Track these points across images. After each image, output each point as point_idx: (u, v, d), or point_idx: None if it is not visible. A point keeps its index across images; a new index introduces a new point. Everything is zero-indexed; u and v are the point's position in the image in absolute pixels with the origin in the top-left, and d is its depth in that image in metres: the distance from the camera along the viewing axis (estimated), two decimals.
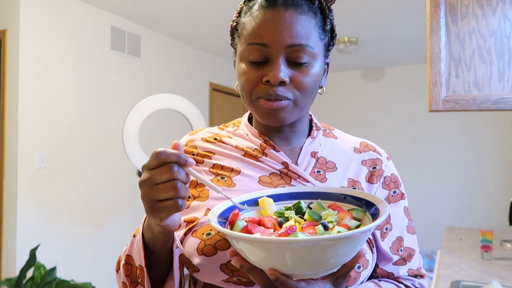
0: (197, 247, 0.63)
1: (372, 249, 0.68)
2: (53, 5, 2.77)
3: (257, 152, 0.72)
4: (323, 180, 0.71)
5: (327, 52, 0.72)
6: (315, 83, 0.67)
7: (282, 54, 0.63)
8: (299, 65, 0.64)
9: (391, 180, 0.75)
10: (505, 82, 1.13)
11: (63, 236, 2.82)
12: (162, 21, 3.39)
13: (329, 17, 0.69)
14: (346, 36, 3.74)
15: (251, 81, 0.65)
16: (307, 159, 0.73)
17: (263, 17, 0.64)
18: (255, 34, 0.64)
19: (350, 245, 0.48)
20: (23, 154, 2.59)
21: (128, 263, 0.64)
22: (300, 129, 0.75)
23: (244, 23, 0.67)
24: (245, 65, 0.66)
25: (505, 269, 1.83)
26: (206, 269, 0.62)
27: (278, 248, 0.46)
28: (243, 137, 0.76)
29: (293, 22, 0.63)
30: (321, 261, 0.48)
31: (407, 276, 0.74)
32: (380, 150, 0.78)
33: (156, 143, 3.42)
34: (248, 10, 0.67)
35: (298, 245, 0.45)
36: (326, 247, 0.46)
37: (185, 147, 0.76)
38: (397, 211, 0.74)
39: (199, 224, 0.65)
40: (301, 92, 0.65)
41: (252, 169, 0.71)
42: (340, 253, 0.48)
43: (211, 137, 0.77)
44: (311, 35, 0.65)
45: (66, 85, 2.86)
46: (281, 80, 0.63)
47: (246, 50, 0.66)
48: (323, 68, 0.70)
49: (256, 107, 0.67)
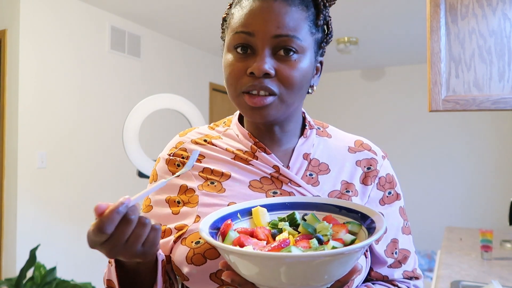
0: (186, 255, 0.61)
1: (366, 254, 0.67)
2: (53, 5, 2.77)
3: (247, 154, 0.70)
4: (315, 184, 0.69)
5: (320, 49, 0.69)
6: (303, 78, 0.63)
7: (268, 45, 0.61)
8: (286, 57, 0.61)
9: (386, 181, 0.73)
10: (505, 82, 1.13)
11: (63, 236, 2.82)
12: (162, 21, 3.39)
13: (323, 12, 0.66)
14: (346, 36, 3.73)
15: (236, 73, 0.63)
16: (299, 161, 0.70)
17: (251, 7, 0.62)
18: (241, 23, 0.62)
19: (345, 261, 0.47)
20: (23, 154, 2.59)
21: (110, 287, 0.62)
22: (291, 128, 0.72)
23: (233, 13, 0.65)
24: (231, 56, 0.64)
25: (505, 269, 1.83)
26: (195, 278, 0.61)
27: (270, 263, 0.45)
28: (233, 138, 0.73)
29: (281, 12, 0.61)
30: (315, 277, 0.46)
31: (402, 279, 0.73)
32: (375, 148, 0.76)
33: (156, 143, 3.42)
34: (239, 1, 0.65)
35: (291, 260, 0.44)
36: (321, 263, 0.45)
37: (175, 150, 0.73)
38: (392, 212, 0.72)
39: (188, 231, 0.64)
40: (286, 87, 0.62)
41: (242, 173, 0.69)
42: (334, 269, 0.47)
43: (201, 139, 0.74)
44: (300, 27, 0.62)
45: (66, 85, 2.86)
46: (265, 71, 0.60)
47: (232, 39, 0.63)
48: (314, 65, 0.67)
49: (240, 102, 0.64)
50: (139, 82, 3.47)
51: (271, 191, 0.67)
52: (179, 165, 0.71)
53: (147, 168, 2.36)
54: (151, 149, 3.05)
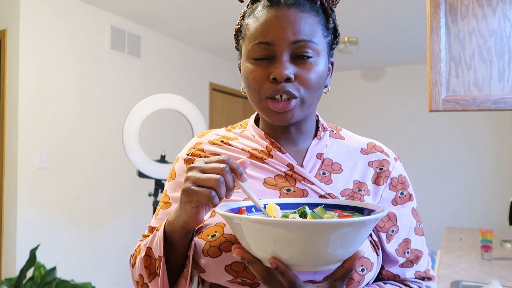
0: (202, 248, 0.64)
1: (377, 251, 0.68)
2: (53, 5, 2.77)
3: (263, 153, 0.73)
4: (329, 182, 0.71)
5: (331, 50, 0.73)
6: (320, 80, 0.67)
7: (286, 51, 0.64)
8: (303, 61, 0.65)
9: (399, 182, 0.74)
10: (505, 82, 1.13)
11: (63, 236, 2.82)
12: (162, 21, 3.39)
13: (332, 16, 0.70)
14: (346, 36, 3.74)
15: (258, 80, 0.66)
16: (313, 160, 0.73)
17: (266, 17, 0.65)
18: (259, 33, 0.65)
19: (352, 235, 0.49)
20: (23, 154, 2.59)
21: (148, 255, 0.65)
22: (306, 129, 0.75)
23: (247, 24, 0.69)
24: (251, 65, 0.67)
25: (505, 269, 1.83)
26: (211, 270, 0.63)
27: (283, 227, 0.47)
28: (249, 139, 0.76)
29: (296, 19, 0.64)
30: (322, 248, 0.48)
31: (414, 279, 0.74)
32: (388, 151, 0.78)
33: (156, 143, 3.43)
34: (252, 12, 0.69)
35: (303, 223, 0.47)
36: (330, 229, 0.47)
37: (193, 150, 0.77)
38: (405, 213, 0.73)
39: (205, 225, 0.66)
40: (306, 89, 0.65)
41: (257, 170, 0.71)
42: (341, 242, 0.49)
43: (218, 140, 0.77)
44: (315, 31, 0.66)
45: (66, 85, 2.86)
46: (286, 76, 0.63)
47: (251, 50, 0.67)
48: (328, 66, 0.71)
49: (263, 107, 0.68)
50: (139, 82, 3.47)
51: (285, 189, 0.69)
52: None
53: (147, 168, 2.36)
54: (151, 149, 3.06)
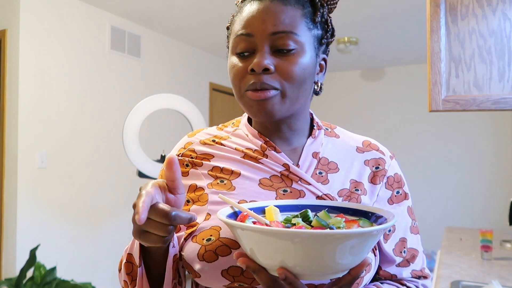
0: (197, 252, 0.62)
1: (375, 252, 0.68)
2: (53, 5, 2.77)
3: (257, 153, 0.71)
4: (325, 182, 0.69)
5: (321, 45, 0.71)
6: (304, 73, 0.65)
7: (266, 42, 0.64)
8: (284, 52, 0.64)
9: (394, 180, 0.74)
10: (505, 82, 1.13)
11: (63, 236, 2.82)
12: (162, 21, 3.39)
13: (320, 10, 0.69)
14: (346, 36, 3.74)
15: (238, 73, 0.66)
16: (309, 160, 0.71)
17: (249, 10, 0.66)
18: (241, 26, 0.66)
19: (360, 245, 0.48)
20: (23, 154, 2.59)
21: (129, 262, 0.64)
22: (299, 128, 0.73)
23: (234, 20, 0.70)
24: (234, 59, 0.67)
25: (505, 269, 1.83)
26: (207, 275, 0.62)
27: (289, 239, 0.46)
28: (242, 138, 0.74)
29: (277, 11, 0.64)
30: (329, 258, 0.48)
31: (410, 278, 0.74)
32: (383, 149, 0.77)
33: (156, 143, 3.42)
34: (239, 9, 0.70)
35: (310, 234, 0.45)
36: (337, 241, 0.46)
37: (183, 150, 0.74)
38: (401, 212, 0.73)
39: (199, 229, 0.65)
40: (287, 81, 0.64)
41: (252, 171, 0.69)
42: (348, 252, 0.48)
43: (209, 139, 0.75)
44: (296, 23, 0.65)
45: (66, 85, 2.86)
46: (264, 66, 0.62)
47: (234, 43, 0.67)
48: (315, 61, 0.69)
49: (245, 101, 0.66)
50: (139, 82, 3.47)
51: (281, 189, 0.68)
52: (188, 165, 0.73)
53: (147, 168, 2.36)
54: (151, 149, 3.06)
